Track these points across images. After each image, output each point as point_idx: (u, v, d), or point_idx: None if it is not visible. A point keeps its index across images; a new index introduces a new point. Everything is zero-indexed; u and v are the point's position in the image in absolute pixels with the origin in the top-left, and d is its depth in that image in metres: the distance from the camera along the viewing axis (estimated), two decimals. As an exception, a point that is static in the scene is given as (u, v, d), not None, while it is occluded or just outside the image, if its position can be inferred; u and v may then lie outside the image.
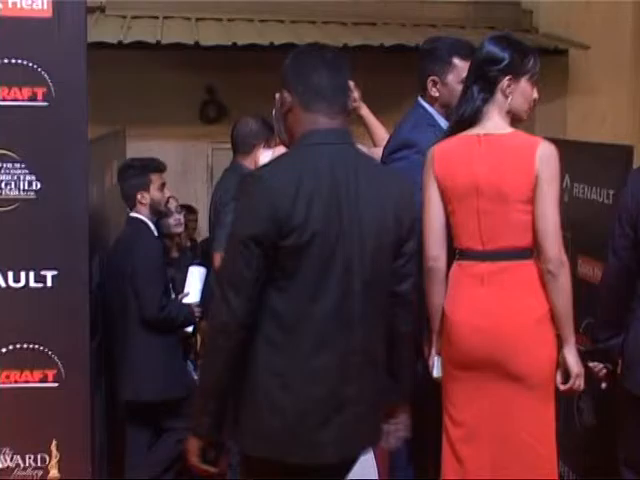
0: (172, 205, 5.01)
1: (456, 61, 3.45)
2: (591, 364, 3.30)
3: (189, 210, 6.73)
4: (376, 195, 2.56)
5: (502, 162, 2.90)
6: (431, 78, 3.48)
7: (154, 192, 4.44)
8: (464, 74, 3.22)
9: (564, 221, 2.95)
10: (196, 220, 6.97)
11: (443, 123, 3.49)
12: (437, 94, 3.48)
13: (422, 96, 3.56)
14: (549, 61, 6.41)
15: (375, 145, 3.89)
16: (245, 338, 2.49)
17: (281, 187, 2.46)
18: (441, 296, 3.04)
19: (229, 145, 6.92)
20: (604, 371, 3.31)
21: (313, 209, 2.45)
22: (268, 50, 6.43)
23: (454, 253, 3.04)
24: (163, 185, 4.49)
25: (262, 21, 7.25)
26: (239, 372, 2.52)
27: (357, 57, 6.58)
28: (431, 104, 3.52)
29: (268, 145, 4.23)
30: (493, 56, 2.95)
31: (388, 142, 3.56)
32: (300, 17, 7.27)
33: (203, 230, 6.79)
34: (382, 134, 3.90)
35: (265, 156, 3.46)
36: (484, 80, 2.96)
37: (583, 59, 7.22)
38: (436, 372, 3.12)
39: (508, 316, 2.90)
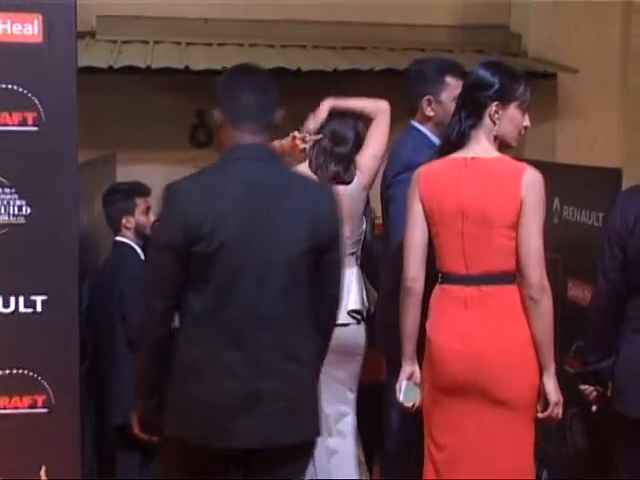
0: None
1: (448, 79, 3.50)
2: (582, 387, 3.29)
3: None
4: (294, 207, 2.74)
5: (488, 187, 2.92)
6: (426, 98, 3.51)
7: (139, 216, 4.44)
8: (457, 92, 3.28)
9: (554, 244, 2.97)
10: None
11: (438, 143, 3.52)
12: (432, 113, 3.52)
13: (414, 118, 3.58)
14: (538, 85, 6.45)
15: (371, 116, 3.82)
16: (164, 334, 2.78)
17: (194, 198, 2.72)
18: (415, 318, 3.05)
19: (219, 169, 6.92)
20: (594, 394, 3.31)
21: (224, 220, 2.68)
22: (258, 74, 6.46)
23: (435, 276, 3.03)
24: (148, 209, 4.49)
25: (252, 45, 7.28)
26: (163, 363, 2.79)
27: (347, 81, 6.66)
28: (424, 125, 3.54)
29: None
30: (482, 81, 2.96)
31: (388, 165, 3.58)
32: (290, 41, 7.30)
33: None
34: (365, 104, 3.86)
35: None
36: (473, 104, 2.97)
37: (572, 83, 7.26)
38: (402, 397, 3.09)
39: (491, 341, 2.90)
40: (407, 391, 3.09)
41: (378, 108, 3.74)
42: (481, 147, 2.97)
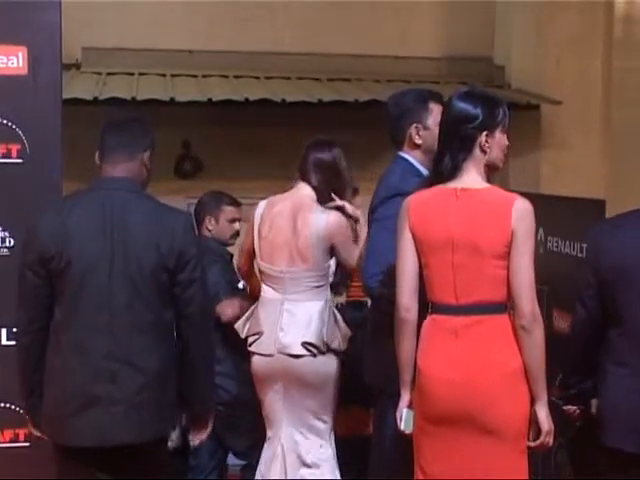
0: None
1: (432, 105, 3.56)
2: (565, 407, 3.31)
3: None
4: (142, 231, 3.10)
5: (478, 217, 2.92)
6: (414, 126, 3.54)
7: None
8: (439, 117, 3.31)
9: (539, 274, 2.97)
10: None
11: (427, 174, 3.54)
12: (421, 141, 3.55)
13: (401, 149, 3.60)
14: (521, 116, 6.49)
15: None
16: (30, 341, 3.17)
17: (47, 223, 3.15)
18: (411, 347, 3.04)
19: (205, 200, 6.89)
20: (578, 412, 3.34)
21: (72, 241, 3.08)
22: (243, 105, 6.47)
23: (425, 305, 3.04)
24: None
25: (237, 77, 7.30)
26: (33, 367, 3.19)
27: (331, 112, 6.68)
28: (412, 154, 3.57)
29: (215, 218, 4.59)
30: (467, 114, 2.97)
31: (376, 192, 3.59)
32: (274, 73, 7.33)
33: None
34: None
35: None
36: (461, 138, 2.98)
37: (555, 114, 7.31)
38: (404, 425, 3.09)
39: (481, 370, 2.89)
40: (407, 419, 3.09)
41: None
42: (471, 178, 2.98)
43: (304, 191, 3.84)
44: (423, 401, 2.99)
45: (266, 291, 3.83)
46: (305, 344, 3.67)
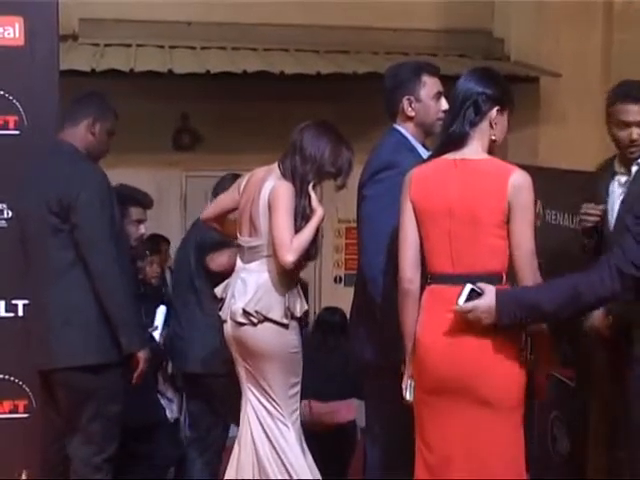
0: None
1: (425, 78, 3.55)
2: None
3: (163, 240, 6.70)
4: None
5: (475, 186, 2.94)
6: (406, 97, 3.53)
7: (127, 225, 4.37)
8: (435, 90, 3.44)
9: (536, 247, 2.97)
10: (167, 250, 6.92)
11: (420, 149, 3.53)
12: (413, 113, 3.53)
13: (395, 122, 3.60)
14: (520, 89, 6.46)
15: None
16: None
17: None
18: (414, 318, 3.05)
19: (203, 173, 6.91)
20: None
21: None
22: (241, 78, 6.45)
23: (426, 278, 3.05)
24: (140, 221, 4.43)
25: (235, 49, 7.27)
26: None
27: (330, 85, 6.66)
28: (406, 127, 3.56)
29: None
30: (484, 88, 3.01)
31: (366, 165, 3.57)
32: (273, 45, 7.30)
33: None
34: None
35: None
36: (475, 109, 3.01)
37: (554, 87, 7.29)
38: (409, 395, 3.11)
39: (476, 341, 2.90)
40: (412, 389, 3.11)
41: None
42: (471, 149, 3.00)
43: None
44: (421, 371, 3.01)
45: (237, 260, 3.83)
46: (244, 312, 3.67)
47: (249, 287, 3.67)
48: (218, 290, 3.83)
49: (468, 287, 2.86)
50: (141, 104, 6.78)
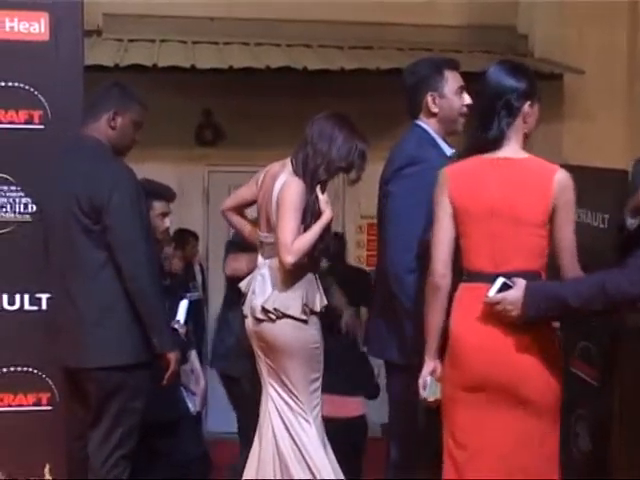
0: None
1: (447, 73, 3.54)
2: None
3: (191, 235, 6.73)
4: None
5: (518, 186, 2.95)
6: (430, 94, 3.52)
7: (153, 218, 4.38)
8: (456, 85, 3.47)
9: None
10: (195, 245, 6.95)
11: (443, 145, 3.51)
12: (437, 109, 3.52)
13: (417, 119, 3.58)
14: (544, 85, 6.40)
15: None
16: None
17: None
18: (442, 315, 3.03)
19: (226, 168, 6.92)
20: None
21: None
22: (264, 73, 6.45)
23: (459, 274, 3.03)
24: (165, 214, 4.44)
25: (258, 44, 7.27)
26: None
27: (353, 81, 6.65)
28: (428, 123, 3.55)
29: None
30: (512, 84, 3.00)
31: (388, 161, 3.56)
32: (296, 41, 7.29)
33: (201, 254, 6.80)
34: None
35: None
36: (508, 108, 2.99)
37: (578, 84, 7.25)
38: (427, 392, 3.10)
39: (517, 340, 2.90)
40: (431, 386, 3.10)
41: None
42: (512, 148, 3.01)
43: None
44: (457, 368, 2.99)
45: (258, 256, 3.82)
46: (263, 309, 3.67)
47: (268, 283, 3.67)
48: (242, 285, 3.83)
49: (500, 280, 2.87)
50: (164, 99, 6.79)
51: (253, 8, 7.21)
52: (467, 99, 3.53)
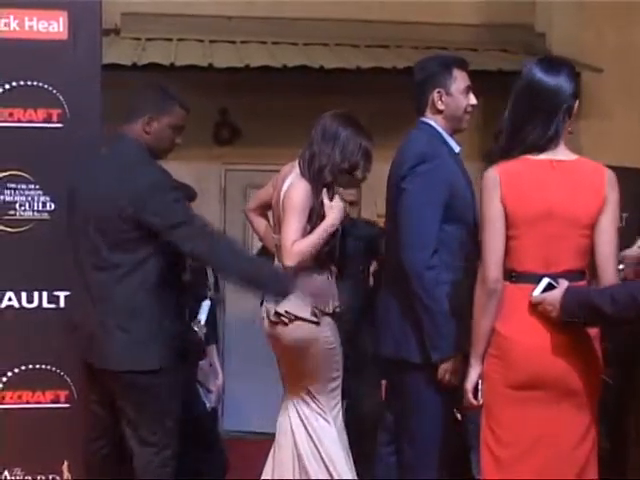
0: None
1: (456, 72, 3.56)
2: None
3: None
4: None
5: (575, 188, 2.99)
6: (437, 90, 3.53)
7: None
8: (464, 84, 3.53)
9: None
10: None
11: (452, 142, 3.52)
12: (443, 106, 3.53)
13: (423, 115, 3.59)
14: (562, 84, 6.41)
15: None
16: None
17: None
18: (492, 319, 3.03)
19: (242, 167, 6.92)
20: None
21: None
22: (281, 72, 6.45)
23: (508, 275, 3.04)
24: None
25: (275, 43, 7.27)
26: None
27: (370, 79, 6.64)
28: (435, 120, 3.55)
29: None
30: (564, 85, 3.01)
31: (399, 159, 3.54)
32: (313, 40, 7.29)
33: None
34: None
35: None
36: (569, 110, 3.04)
37: (596, 82, 7.21)
38: (481, 396, 3.08)
39: (566, 335, 2.94)
40: (480, 390, 3.09)
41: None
42: (561, 149, 3.05)
43: None
44: (507, 368, 2.99)
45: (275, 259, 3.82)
46: (275, 312, 3.67)
47: None
48: None
49: (545, 280, 2.91)
50: (182, 98, 6.82)
51: (270, 7, 7.21)
52: (473, 99, 3.54)
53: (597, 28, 7.22)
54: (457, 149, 3.56)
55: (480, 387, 3.07)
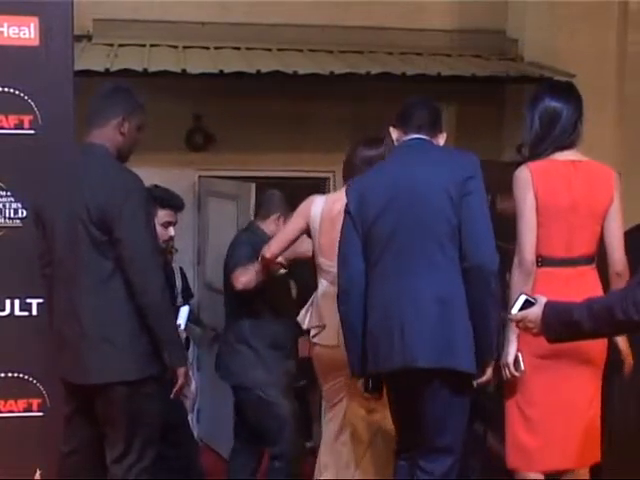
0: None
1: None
2: None
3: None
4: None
5: (593, 184, 3.55)
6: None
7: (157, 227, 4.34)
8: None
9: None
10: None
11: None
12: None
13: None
14: (534, 89, 6.44)
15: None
16: None
17: None
18: None
19: (215, 173, 6.89)
20: None
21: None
22: (255, 78, 6.45)
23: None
24: (169, 223, 4.42)
25: (249, 49, 7.26)
26: None
27: (344, 85, 6.65)
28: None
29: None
30: (580, 102, 3.77)
31: (456, 167, 3.52)
32: (287, 45, 7.28)
33: (186, 260, 6.74)
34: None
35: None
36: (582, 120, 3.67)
37: (568, 87, 7.26)
38: (521, 366, 3.48)
39: None
40: (519, 361, 3.49)
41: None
42: (574, 151, 3.59)
43: None
44: (534, 339, 3.22)
45: (325, 285, 3.83)
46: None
47: None
48: (300, 319, 4.08)
49: (522, 297, 3.08)
50: (154, 104, 6.77)
51: (244, 13, 7.20)
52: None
53: (570, 33, 7.26)
54: None
55: (521, 358, 3.47)
